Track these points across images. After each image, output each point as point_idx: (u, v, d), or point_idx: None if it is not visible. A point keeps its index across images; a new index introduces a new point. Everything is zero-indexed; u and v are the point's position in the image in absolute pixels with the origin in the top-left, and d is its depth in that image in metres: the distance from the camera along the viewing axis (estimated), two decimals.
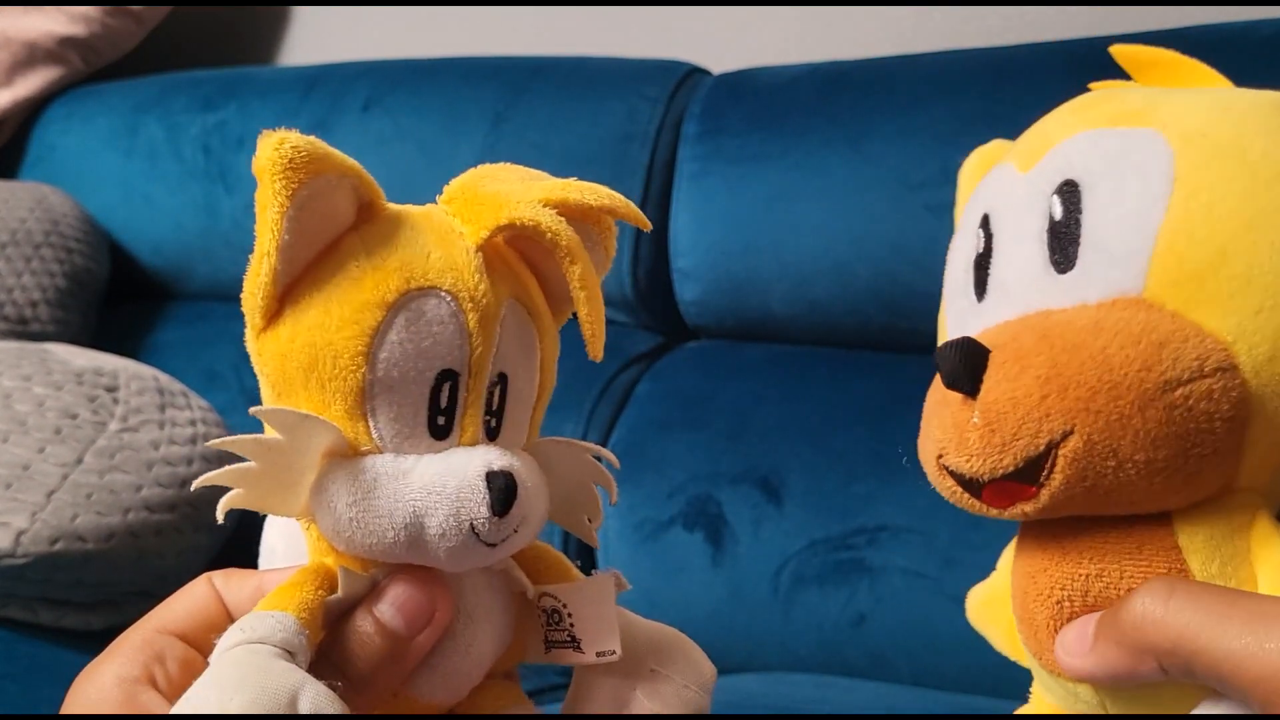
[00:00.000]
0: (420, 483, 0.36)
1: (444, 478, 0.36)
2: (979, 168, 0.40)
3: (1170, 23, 0.90)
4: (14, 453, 0.86)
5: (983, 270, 0.36)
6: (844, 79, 0.99)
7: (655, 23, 1.22)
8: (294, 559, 0.40)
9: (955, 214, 0.41)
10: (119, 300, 1.26)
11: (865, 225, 0.94)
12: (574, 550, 0.89)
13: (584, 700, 0.41)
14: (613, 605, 0.41)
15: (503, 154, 0.42)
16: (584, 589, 0.41)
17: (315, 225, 0.35)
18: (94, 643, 0.62)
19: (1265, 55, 0.82)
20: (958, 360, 0.33)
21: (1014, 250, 0.35)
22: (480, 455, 0.37)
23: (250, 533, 0.45)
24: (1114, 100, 0.35)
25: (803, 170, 0.96)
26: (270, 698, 0.32)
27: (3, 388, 0.91)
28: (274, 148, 0.33)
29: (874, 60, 1.00)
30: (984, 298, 0.36)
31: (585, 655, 0.40)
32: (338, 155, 0.35)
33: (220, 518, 0.36)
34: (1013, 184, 0.36)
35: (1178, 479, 0.32)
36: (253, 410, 0.36)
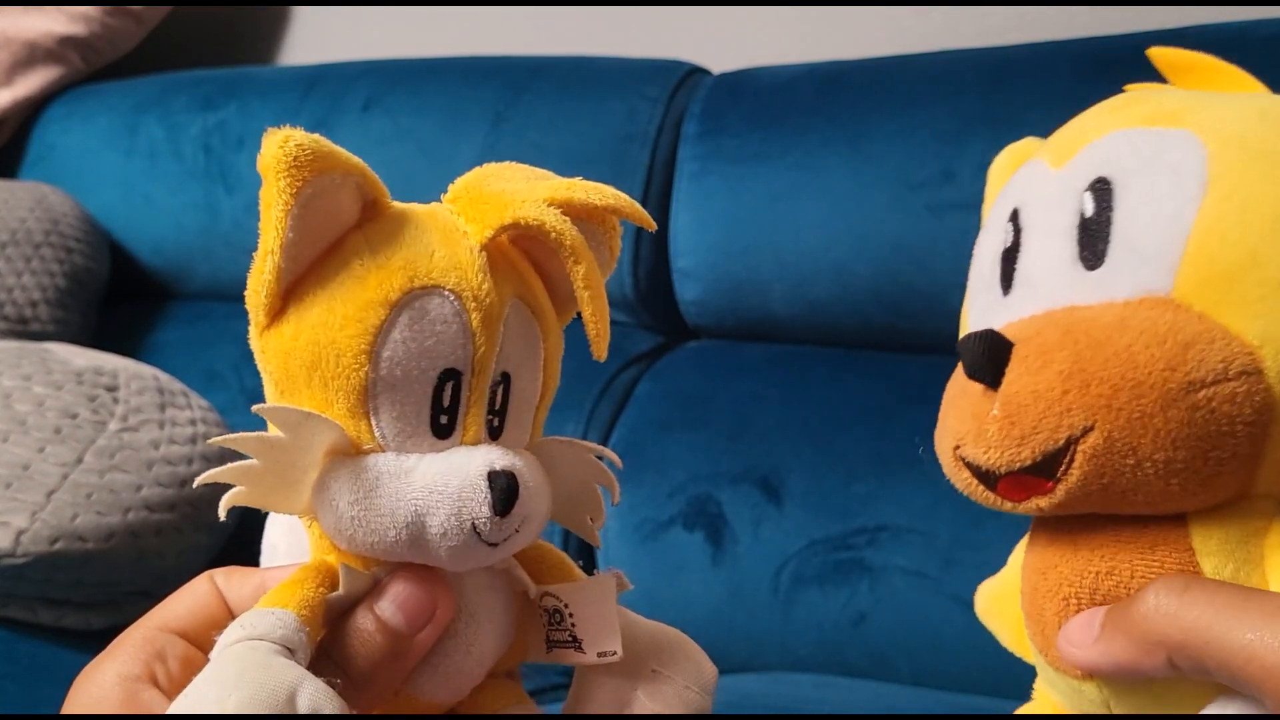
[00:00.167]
0: (422, 482, 0.36)
1: (446, 477, 0.36)
2: (1010, 164, 0.40)
3: (1170, 23, 0.89)
4: (14, 452, 0.86)
5: (1010, 264, 0.36)
6: (844, 79, 0.99)
7: (655, 23, 1.22)
8: (296, 557, 0.40)
9: (983, 210, 0.41)
10: (119, 300, 1.25)
11: (865, 225, 0.94)
12: (574, 550, 0.89)
13: (585, 700, 0.41)
14: (614, 605, 0.40)
15: (503, 154, 0.41)
16: (586, 589, 0.41)
17: (319, 223, 0.35)
18: (94, 643, 0.62)
19: (1265, 55, 0.82)
20: (981, 351, 0.33)
21: (1043, 245, 0.35)
22: (482, 455, 0.36)
23: (251, 532, 0.45)
24: (1150, 101, 0.35)
25: (803, 170, 0.96)
26: (269, 694, 0.32)
27: (3, 388, 0.91)
28: (278, 145, 0.33)
29: (874, 60, 1.00)
30: (1010, 291, 0.36)
31: (587, 655, 0.40)
32: (342, 153, 0.35)
33: (223, 515, 0.35)
34: (1044, 180, 0.36)
35: (1195, 481, 0.32)
36: (255, 408, 0.36)
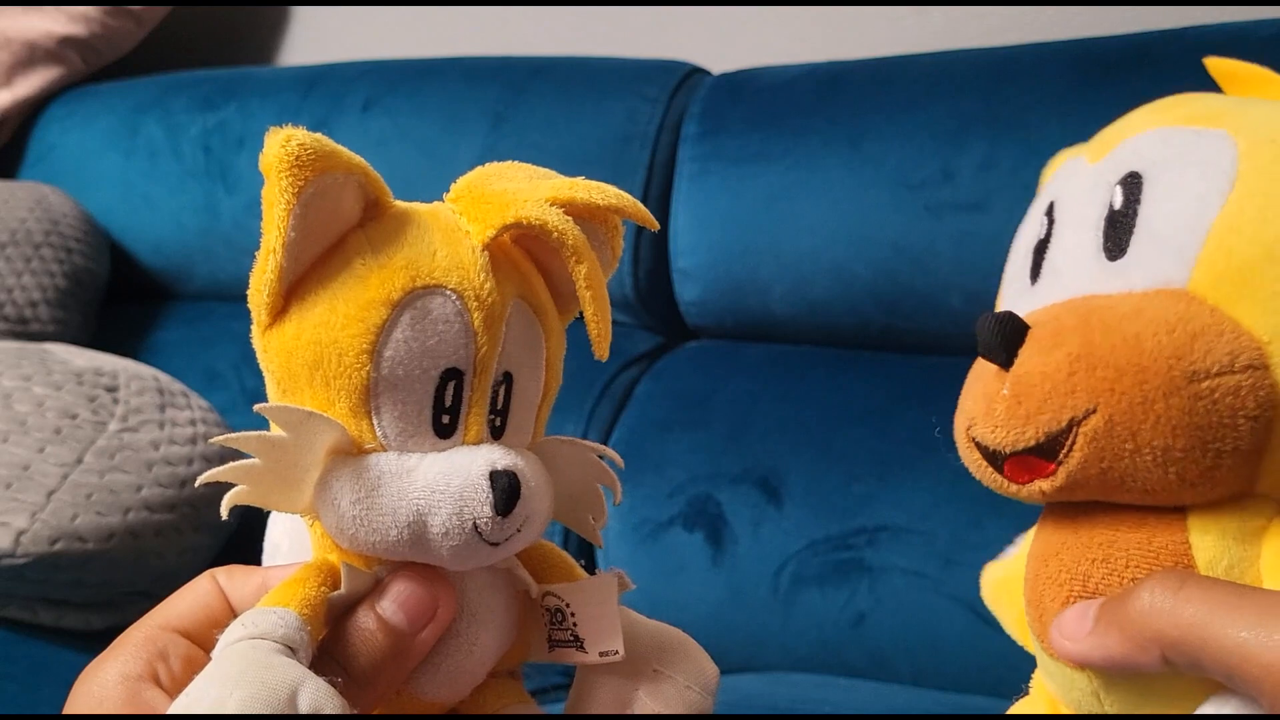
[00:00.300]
0: (424, 481, 0.36)
1: (447, 476, 0.36)
2: (1061, 161, 0.41)
3: (1170, 23, 0.90)
4: (14, 453, 0.86)
5: (1040, 255, 0.37)
6: (843, 79, 0.99)
7: (655, 23, 1.22)
8: (298, 555, 0.40)
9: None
10: (119, 300, 1.25)
11: (865, 225, 0.94)
12: (574, 550, 0.89)
13: (587, 700, 0.41)
14: (616, 605, 0.40)
15: (503, 154, 0.41)
16: (587, 588, 0.41)
17: (321, 222, 0.35)
18: (94, 643, 0.62)
19: (1265, 55, 0.82)
20: (995, 331, 0.34)
21: (1071, 236, 0.36)
22: (484, 454, 0.37)
23: (251, 533, 0.45)
24: (1193, 103, 0.36)
25: (802, 170, 0.96)
26: (270, 693, 0.32)
27: (3, 388, 0.91)
28: (281, 145, 0.34)
29: (873, 60, 1.00)
30: (1037, 281, 0.37)
31: (588, 655, 0.40)
32: (344, 152, 0.35)
33: (224, 514, 0.36)
34: (1081, 174, 0.37)
35: (1194, 471, 0.32)
36: (257, 407, 0.36)
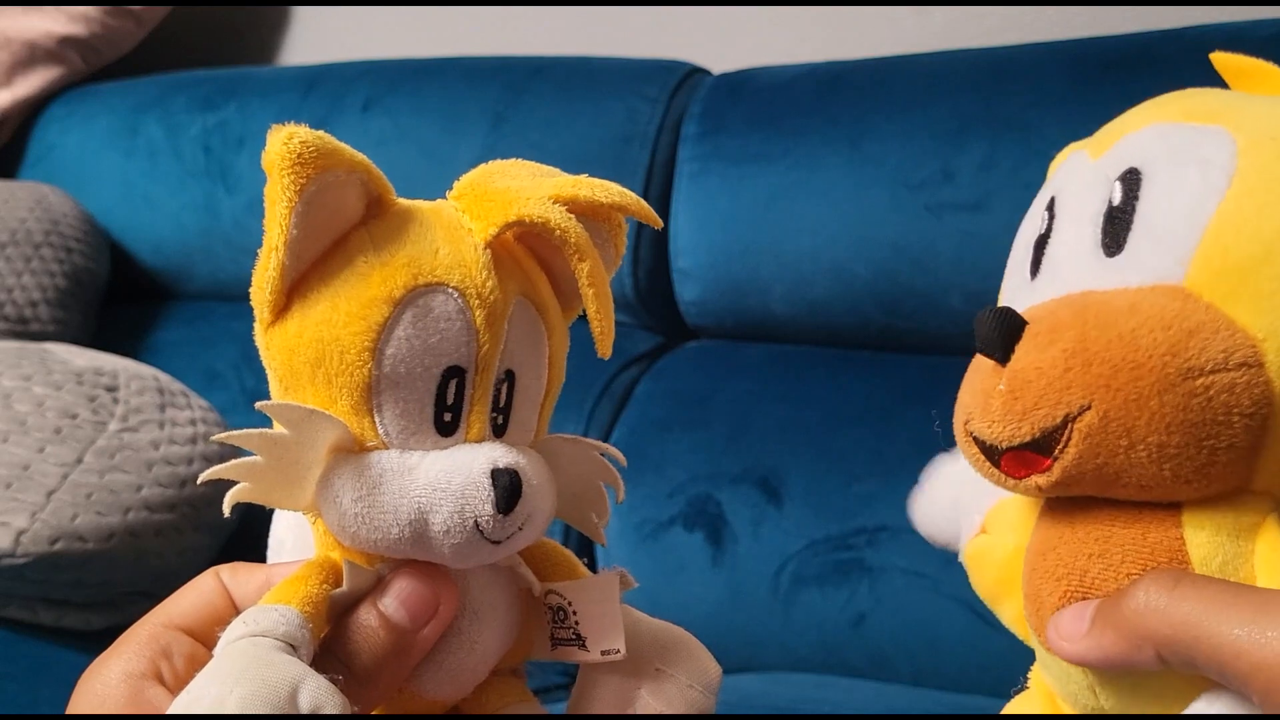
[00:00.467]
0: (425, 479, 0.36)
1: (449, 474, 0.36)
2: (1065, 157, 0.41)
3: (1170, 23, 0.90)
4: (14, 453, 0.86)
5: (1040, 250, 0.37)
6: (843, 79, 0.99)
7: (655, 23, 1.22)
8: (302, 552, 0.40)
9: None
10: (119, 300, 1.25)
11: (865, 225, 0.94)
12: (574, 548, 0.89)
13: (589, 698, 0.41)
14: (618, 603, 0.40)
15: (503, 154, 0.41)
16: (589, 587, 0.41)
17: (323, 220, 0.35)
18: (94, 643, 0.62)
19: (1265, 55, 0.82)
20: (993, 326, 0.34)
21: (1070, 231, 0.36)
22: (486, 452, 0.37)
23: (251, 533, 0.45)
24: (1193, 99, 0.36)
25: (802, 170, 0.96)
26: (271, 690, 0.32)
27: (3, 388, 0.91)
28: (283, 142, 0.34)
29: (873, 60, 1.00)
30: (1036, 276, 0.37)
31: (590, 653, 0.40)
32: (347, 150, 0.35)
33: (227, 511, 0.35)
34: (1082, 169, 0.37)
35: (1189, 468, 0.32)
36: (259, 404, 0.36)
